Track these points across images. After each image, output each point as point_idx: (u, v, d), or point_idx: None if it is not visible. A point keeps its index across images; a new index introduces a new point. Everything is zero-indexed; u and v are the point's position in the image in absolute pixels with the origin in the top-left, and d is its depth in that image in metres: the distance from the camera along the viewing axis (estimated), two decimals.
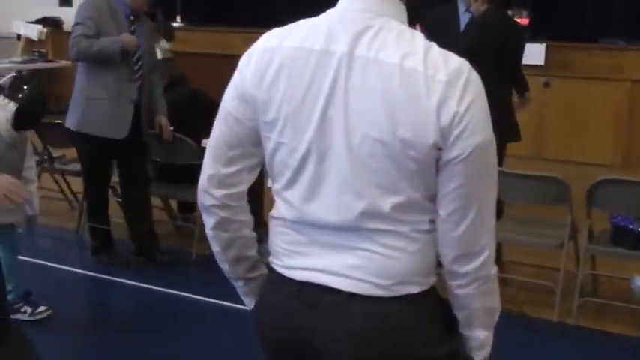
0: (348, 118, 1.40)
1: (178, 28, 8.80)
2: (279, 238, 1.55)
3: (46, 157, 5.44)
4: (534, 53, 6.67)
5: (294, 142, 1.44)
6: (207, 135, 4.96)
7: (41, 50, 9.50)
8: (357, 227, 1.44)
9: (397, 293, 1.44)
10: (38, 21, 9.65)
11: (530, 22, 7.31)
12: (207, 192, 1.57)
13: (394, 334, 1.44)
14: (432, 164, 1.39)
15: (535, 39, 6.86)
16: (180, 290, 4.32)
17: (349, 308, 1.45)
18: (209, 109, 4.87)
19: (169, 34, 7.90)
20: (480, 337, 1.55)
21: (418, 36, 1.43)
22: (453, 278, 1.49)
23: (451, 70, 1.37)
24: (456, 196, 1.41)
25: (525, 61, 4.83)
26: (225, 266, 1.66)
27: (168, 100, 4.83)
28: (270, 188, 1.56)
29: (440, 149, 1.38)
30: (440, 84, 1.35)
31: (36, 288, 4.03)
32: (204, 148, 5.29)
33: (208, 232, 1.62)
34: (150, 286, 4.37)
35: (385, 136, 1.37)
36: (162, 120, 4.67)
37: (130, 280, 4.48)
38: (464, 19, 4.70)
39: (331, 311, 1.46)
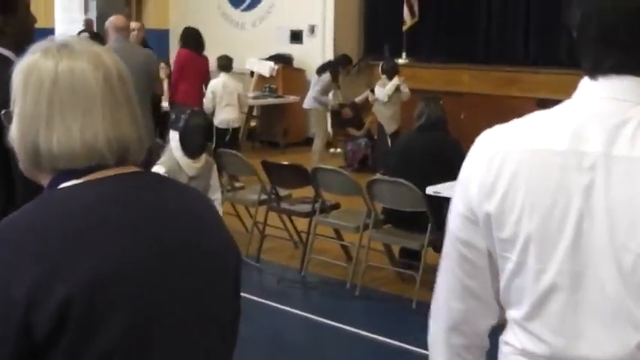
0: (613, 233, 1.16)
1: (404, 65, 8.78)
2: None
3: (273, 195, 5.55)
4: None
5: (540, 264, 1.21)
6: (434, 182, 4.73)
7: (272, 86, 9.89)
8: None
9: None
10: (270, 58, 10.06)
11: None
12: None
13: None
14: None
15: None
16: (400, 341, 4.16)
17: None
18: (444, 157, 4.72)
19: (392, 72, 7.88)
20: None
21: None
22: None
23: None
24: None
25: None
26: None
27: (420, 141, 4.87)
28: None
29: None
30: None
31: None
32: (429, 195, 4.97)
33: None
34: (372, 335, 4.25)
35: None
36: None
37: (349, 325, 4.38)
38: None
39: None
